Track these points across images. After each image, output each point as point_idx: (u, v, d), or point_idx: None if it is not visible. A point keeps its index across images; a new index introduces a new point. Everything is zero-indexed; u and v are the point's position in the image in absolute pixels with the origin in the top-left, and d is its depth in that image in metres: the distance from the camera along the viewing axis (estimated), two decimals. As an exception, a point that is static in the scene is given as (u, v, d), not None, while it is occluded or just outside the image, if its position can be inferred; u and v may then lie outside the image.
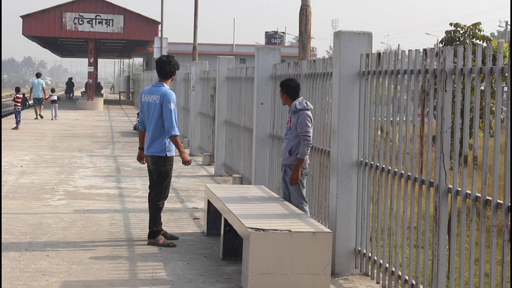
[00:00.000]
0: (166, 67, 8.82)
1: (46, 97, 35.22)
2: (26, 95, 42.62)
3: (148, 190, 9.02)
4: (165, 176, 8.76)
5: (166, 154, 8.67)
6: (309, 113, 8.30)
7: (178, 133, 8.63)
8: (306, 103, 8.35)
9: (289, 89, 8.45)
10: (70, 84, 65.56)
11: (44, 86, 35.66)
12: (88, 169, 15.97)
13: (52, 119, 33.32)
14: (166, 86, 8.78)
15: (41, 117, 34.00)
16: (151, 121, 8.72)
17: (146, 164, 9.00)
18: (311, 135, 8.25)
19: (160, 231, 8.79)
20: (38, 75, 37.52)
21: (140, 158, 9.06)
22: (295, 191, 8.35)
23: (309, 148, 8.26)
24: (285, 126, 8.68)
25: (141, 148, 9.00)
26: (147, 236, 8.80)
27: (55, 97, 34.73)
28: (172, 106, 8.61)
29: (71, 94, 66.49)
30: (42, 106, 35.09)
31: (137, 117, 27.50)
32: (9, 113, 40.17)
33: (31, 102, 38.27)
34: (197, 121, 20.08)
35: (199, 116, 20.04)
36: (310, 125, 8.23)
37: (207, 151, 18.39)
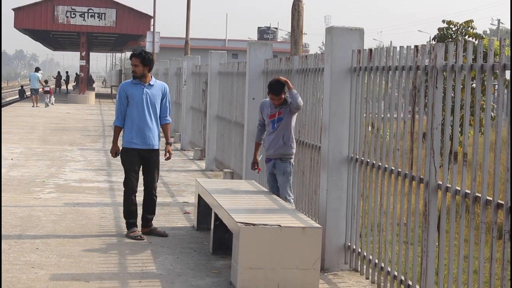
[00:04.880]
0: None
1: (42, 87, 40.82)
2: (24, 87, 51.42)
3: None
4: (123, 166, 8.88)
5: (122, 146, 8.82)
6: None
7: (116, 124, 8.82)
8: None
9: (283, 87, 8.51)
10: (59, 78, 65.34)
11: (40, 78, 41.08)
12: (78, 162, 15.95)
13: (46, 106, 39.01)
14: (129, 80, 8.99)
15: (37, 106, 38.91)
16: None
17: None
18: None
19: (132, 223, 8.81)
20: (37, 69, 43.08)
21: None
22: (285, 182, 8.41)
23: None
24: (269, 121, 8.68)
25: None
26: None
27: (47, 88, 40.54)
28: (117, 98, 8.90)
29: (66, 88, 66.61)
30: (38, 96, 40.39)
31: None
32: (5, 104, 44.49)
33: (29, 93, 46.11)
34: (189, 115, 20.08)
35: (190, 110, 20.03)
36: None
37: (198, 146, 18.39)
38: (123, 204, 8.86)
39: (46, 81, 42.00)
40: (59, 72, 67.28)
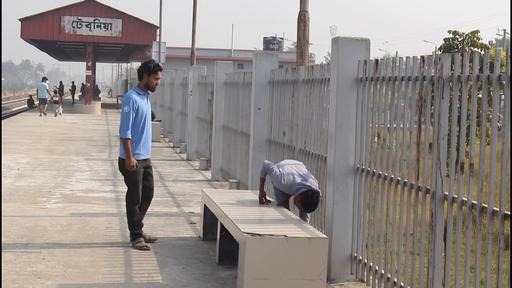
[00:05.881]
0: (138, 70, 8.97)
1: (51, 97, 41.51)
2: (33, 96, 52.43)
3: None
4: (128, 179, 8.84)
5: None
6: None
7: (127, 136, 8.66)
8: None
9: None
10: (62, 88, 65.51)
11: (48, 88, 41.78)
12: (85, 172, 15.96)
13: (55, 116, 39.86)
14: (133, 89, 8.92)
15: (45, 114, 39.95)
16: None
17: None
18: None
19: (139, 233, 8.81)
20: (44, 79, 43.40)
21: None
22: None
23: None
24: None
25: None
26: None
27: (56, 98, 41.29)
28: (126, 109, 8.70)
29: (72, 98, 66.74)
30: (46, 105, 41.41)
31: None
32: (9, 115, 45.65)
33: (37, 102, 47.43)
34: (195, 125, 20.09)
35: (196, 120, 20.04)
36: None
37: (204, 156, 18.39)
38: (128, 215, 8.85)
39: (55, 91, 43.10)
40: (61, 82, 67.47)
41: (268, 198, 8.68)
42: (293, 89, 9.91)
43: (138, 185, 8.80)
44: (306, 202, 7.92)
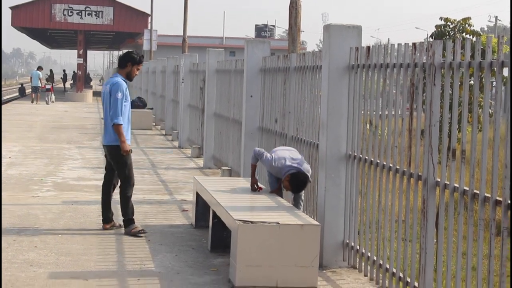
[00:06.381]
0: (122, 58, 9.03)
1: (42, 85, 42.10)
2: (24, 85, 54.25)
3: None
4: (123, 165, 8.88)
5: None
6: None
7: (120, 122, 8.71)
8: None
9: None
10: (52, 75, 65.31)
11: (41, 76, 42.56)
12: (76, 160, 15.94)
13: (47, 103, 40.28)
14: (119, 77, 8.95)
15: (36, 103, 40.46)
16: (105, 110, 8.96)
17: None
18: None
19: (133, 219, 8.85)
20: (39, 68, 44.63)
21: None
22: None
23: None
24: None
25: None
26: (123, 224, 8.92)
27: (48, 86, 41.84)
28: (119, 95, 8.75)
29: (64, 86, 66.59)
30: (39, 94, 41.96)
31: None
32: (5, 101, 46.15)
33: (29, 91, 48.95)
34: (186, 113, 20.07)
35: (188, 108, 20.02)
36: None
37: (196, 144, 18.38)
38: (126, 201, 8.82)
39: (47, 79, 43.10)
40: (51, 70, 67.23)
41: (260, 185, 8.67)
42: (285, 76, 9.90)
43: (132, 169, 8.94)
44: (295, 181, 7.92)
